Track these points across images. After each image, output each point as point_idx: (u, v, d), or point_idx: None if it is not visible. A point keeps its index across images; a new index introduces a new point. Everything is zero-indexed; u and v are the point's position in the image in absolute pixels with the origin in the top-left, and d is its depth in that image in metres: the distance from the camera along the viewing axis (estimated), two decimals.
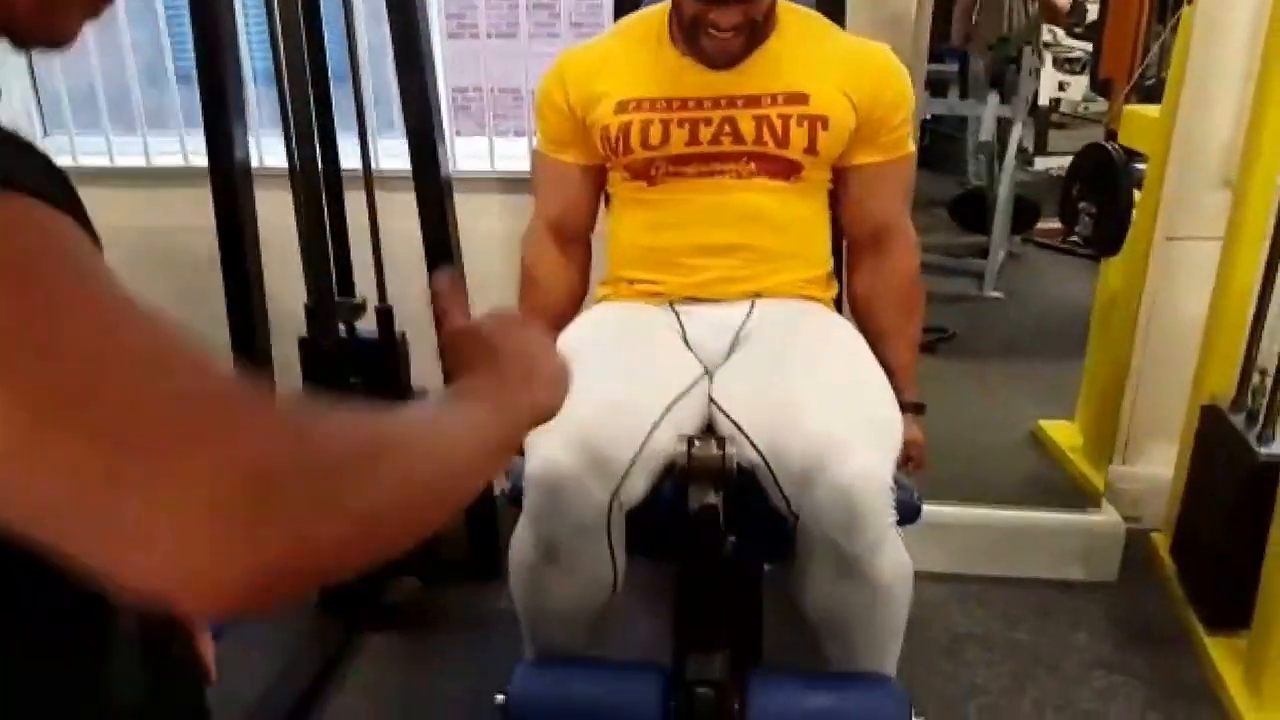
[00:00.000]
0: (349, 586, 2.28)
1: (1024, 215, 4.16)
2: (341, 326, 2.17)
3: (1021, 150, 3.99)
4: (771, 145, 1.54)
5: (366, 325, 2.23)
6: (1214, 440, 2.14)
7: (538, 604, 1.47)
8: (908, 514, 1.40)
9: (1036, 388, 3.20)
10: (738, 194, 1.57)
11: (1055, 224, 3.22)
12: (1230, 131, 2.23)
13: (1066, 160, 3.83)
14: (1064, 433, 2.79)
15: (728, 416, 1.44)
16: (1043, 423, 2.91)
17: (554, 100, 1.62)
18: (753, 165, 1.55)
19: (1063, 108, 4.53)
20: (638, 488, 1.38)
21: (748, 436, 1.39)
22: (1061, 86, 4.16)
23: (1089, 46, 4.30)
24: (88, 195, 0.60)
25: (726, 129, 1.54)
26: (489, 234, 2.48)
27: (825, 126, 1.54)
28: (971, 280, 4.12)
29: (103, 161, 2.71)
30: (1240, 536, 1.97)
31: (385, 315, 2.20)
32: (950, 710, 1.94)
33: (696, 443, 1.36)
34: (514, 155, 2.57)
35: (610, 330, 1.57)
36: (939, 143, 4.84)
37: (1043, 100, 4.13)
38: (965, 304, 4.00)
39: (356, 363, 2.19)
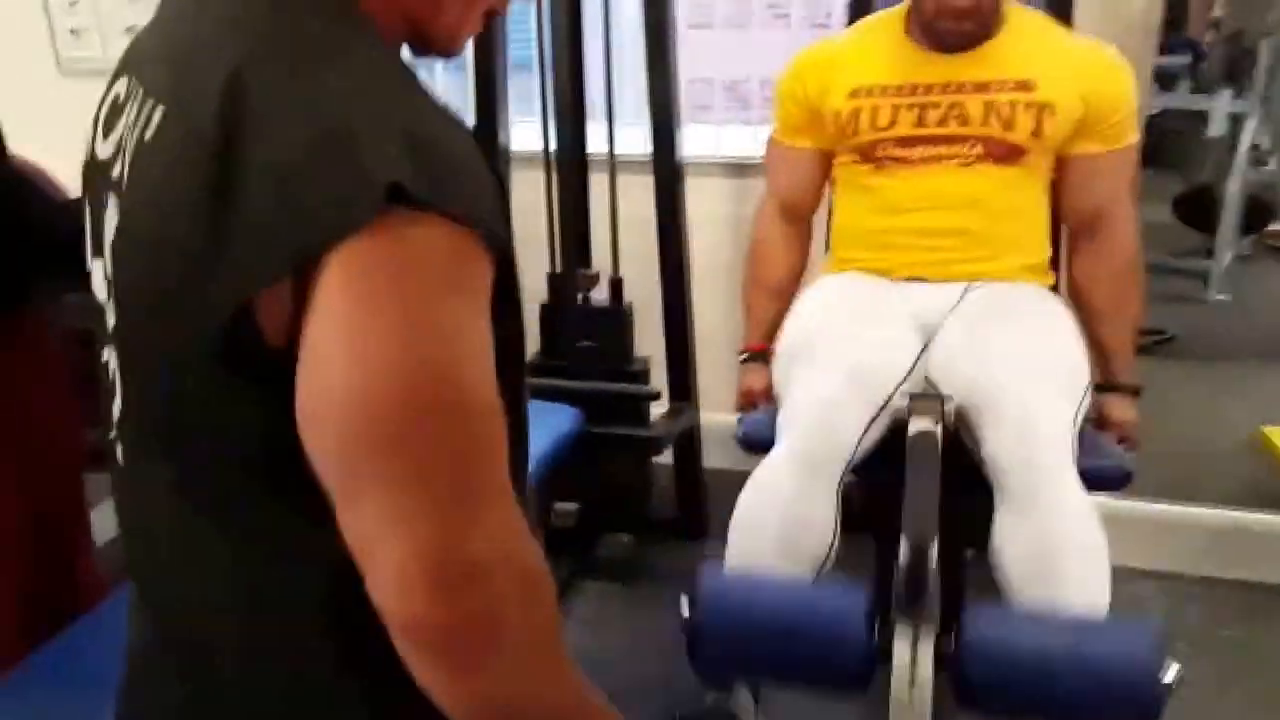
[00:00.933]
0: (570, 535, 2.51)
1: (1255, 216, 3.99)
2: (578, 295, 2.39)
3: (1254, 148, 3.83)
4: (998, 129, 1.62)
5: (598, 295, 2.44)
6: None
7: (787, 533, 1.51)
8: (1116, 480, 1.47)
9: (1261, 394, 3.12)
10: (961, 178, 1.66)
11: None
12: None
13: None
14: None
15: (939, 384, 1.58)
16: (1265, 429, 2.84)
17: (793, 90, 1.77)
18: (979, 148, 1.64)
19: None
20: (875, 434, 1.53)
21: (949, 394, 1.53)
22: None
23: None
24: None
25: (955, 112, 1.64)
26: (712, 216, 2.64)
27: (1052, 114, 1.61)
28: (1195, 281, 3.99)
29: None
30: None
31: (617, 285, 2.40)
32: None
33: (915, 397, 1.52)
34: (738, 143, 2.70)
35: (850, 296, 1.70)
36: (1166, 138, 4.69)
37: None
38: (1187, 305, 3.89)
39: (588, 327, 2.40)
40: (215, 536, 0.72)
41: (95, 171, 0.77)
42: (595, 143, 2.38)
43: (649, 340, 2.50)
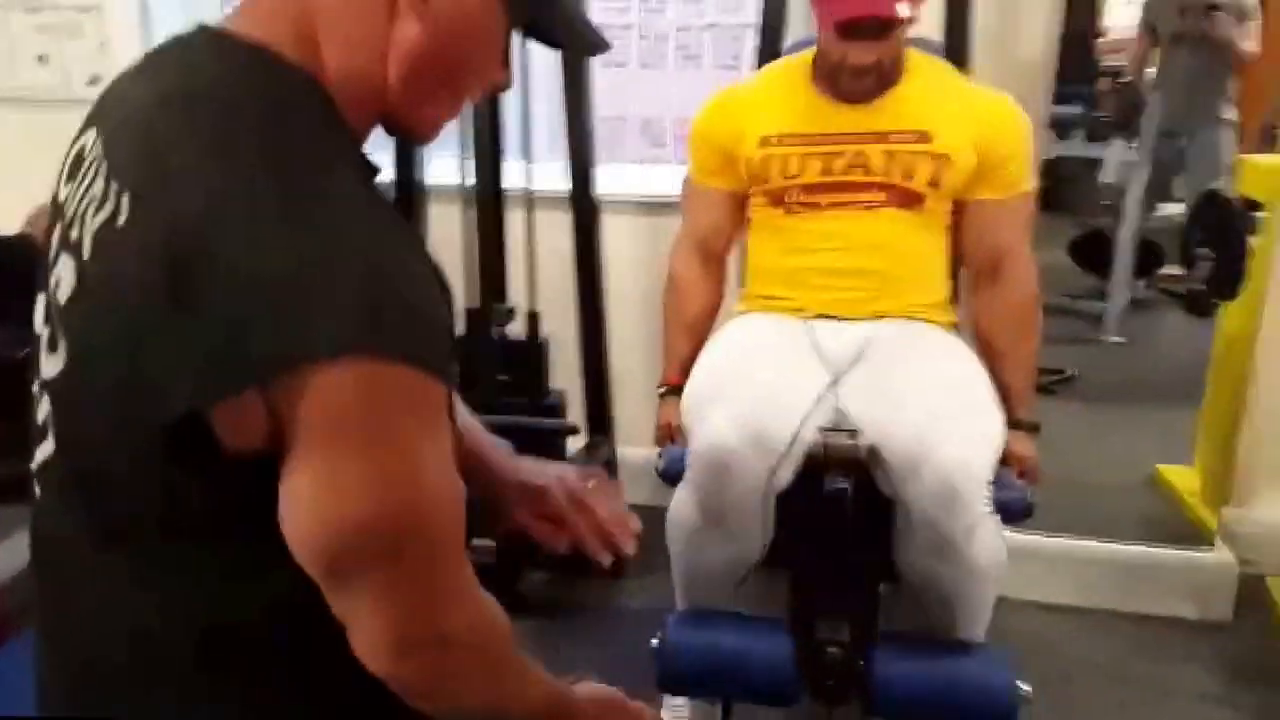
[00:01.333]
0: (489, 572, 2.48)
1: (1148, 259, 4.15)
2: (494, 329, 2.38)
3: (1147, 194, 4.00)
4: (898, 177, 1.69)
5: (514, 329, 2.44)
6: None
7: (694, 563, 1.65)
8: (1019, 510, 1.54)
9: (1157, 432, 3.21)
10: (865, 222, 1.72)
11: (1180, 269, 3.25)
12: None
13: None
14: (1182, 477, 2.82)
15: (852, 420, 1.61)
16: (1161, 467, 2.95)
17: (705, 134, 1.82)
18: (882, 195, 1.71)
19: None
20: (787, 474, 1.55)
21: (864, 432, 1.56)
22: None
23: None
24: None
25: (858, 161, 1.70)
26: (628, 253, 2.66)
27: (948, 164, 1.69)
28: (1091, 323, 4.13)
29: None
30: None
31: (533, 320, 2.41)
32: None
33: (830, 434, 1.55)
34: (653, 182, 2.73)
35: (758, 336, 1.75)
36: (1063, 184, 4.86)
37: None
38: (1085, 347, 4.01)
39: (504, 360, 2.40)
40: (127, 581, 0.75)
41: (56, 213, 0.80)
42: (511, 179, 2.39)
43: (565, 375, 2.51)
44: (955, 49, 2.08)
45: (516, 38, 0.85)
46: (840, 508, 1.50)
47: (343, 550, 0.70)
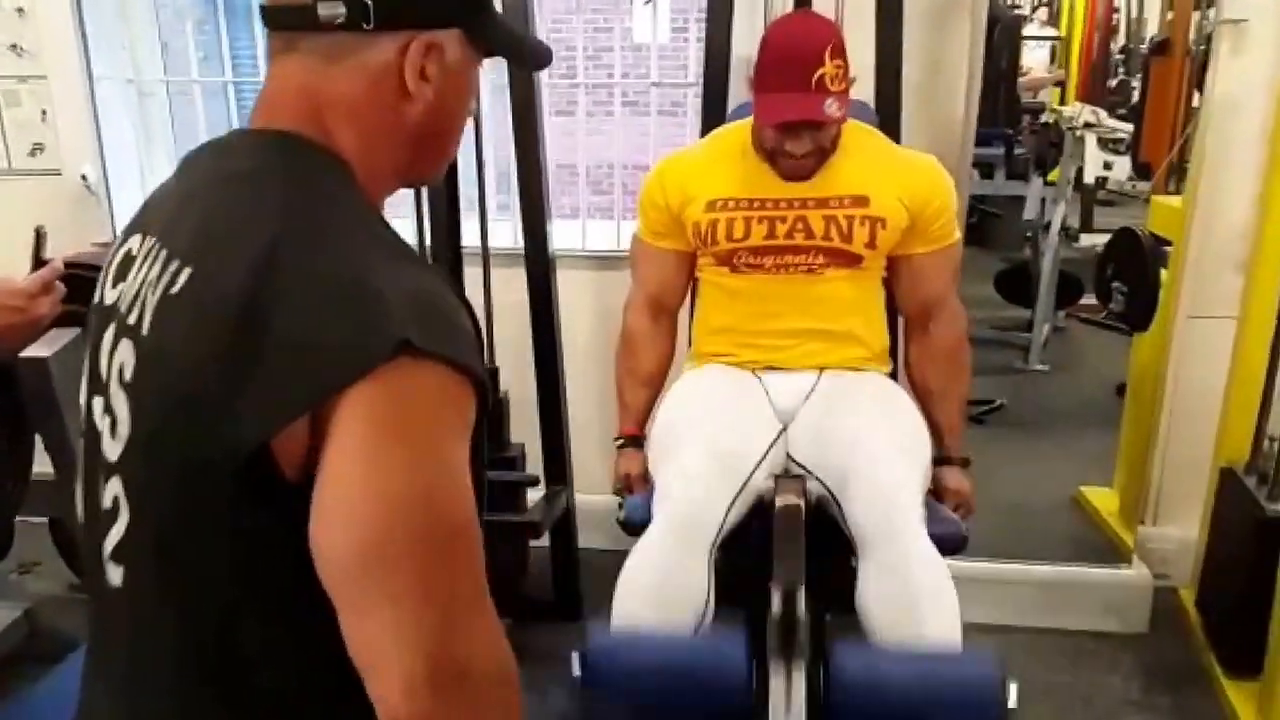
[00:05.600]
0: None
1: (1067, 291, 4.37)
2: None
3: (1066, 227, 4.23)
4: (838, 240, 1.84)
5: None
6: (1231, 500, 2.37)
7: (640, 616, 1.64)
8: (955, 544, 1.69)
9: (1078, 455, 3.40)
10: (808, 281, 1.87)
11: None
12: (1245, 219, 2.47)
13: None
14: (1103, 498, 3.02)
15: (800, 465, 1.78)
16: (1083, 488, 3.13)
17: (654, 199, 1.94)
18: (821, 257, 1.86)
19: (1109, 185, 4.76)
20: (738, 513, 1.69)
21: (815, 476, 1.73)
22: (1107, 166, 4.38)
23: (1131, 128, 4.54)
24: None
25: (800, 226, 1.84)
26: (581, 306, 2.77)
27: (884, 226, 1.84)
28: (1017, 353, 4.34)
29: None
30: (1253, 588, 2.18)
31: (492, 374, 2.50)
32: None
33: (780, 480, 1.72)
34: (602, 237, 2.86)
35: (709, 386, 1.89)
36: (986, 221, 5.12)
37: (1088, 179, 4.36)
38: (1012, 376, 4.21)
39: None
40: (211, 657, 0.81)
41: (102, 316, 0.87)
42: (467, 237, 2.49)
43: (523, 426, 2.60)
44: (887, 109, 2.26)
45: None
46: (793, 522, 1.61)
47: (374, 553, 0.72)
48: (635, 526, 1.72)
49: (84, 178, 2.88)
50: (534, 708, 0.86)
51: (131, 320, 0.82)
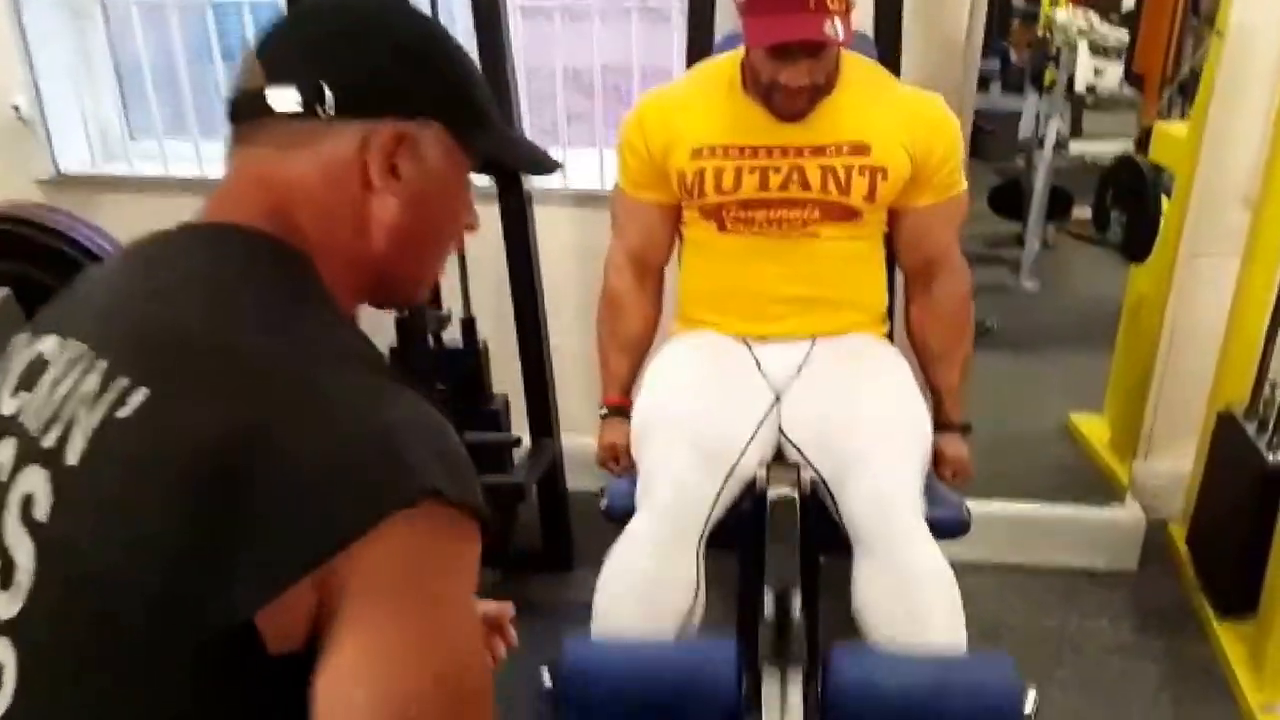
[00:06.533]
0: None
1: (1059, 205, 4.29)
2: (429, 337, 2.38)
3: (1056, 136, 4.12)
4: (835, 193, 1.71)
5: (450, 335, 2.43)
6: (1228, 445, 2.33)
7: (623, 623, 1.57)
8: (955, 528, 1.62)
9: (1069, 380, 3.36)
10: (802, 239, 1.75)
11: (1088, 214, 3.38)
12: (1253, 155, 2.38)
13: (1101, 146, 3.99)
14: (1093, 427, 2.98)
15: (795, 447, 1.69)
16: (1074, 416, 3.10)
17: (634, 145, 1.79)
18: (817, 212, 1.73)
19: (1099, 92, 4.64)
20: (726, 501, 1.62)
21: (810, 462, 1.63)
22: (1097, 72, 4.26)
23: (1124, 34, 4.41)
24: (181, 202, 0.85)
25: (794, 177, 1.71)
26: (561, 246, 2.67)
27: (885, 177, 1.71)
28: (1008, 270, 4.27)
29: (192, 171, 2.81)
30: (1250, 535, 2.16)
31: (469, 325, 2.41)
32: None
33: (774, 467, 1.64)
34: (584, 173, 2.70)
35: (696, 359, 1.79)
36: (980, 135, 4.96)
37: (1079, 87, 4.24)
38: (1002, 295, 4.15)
39: (442, 370, 2.39)
40: None
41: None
42: None
43: (505, 374, 2.52)
44: (887, 31, 2.13)
45: None
46: (787, 513, 1.54)
47: (403, 705, 0.65)
48: (619, 515, 1.64)
49: (16, 109, 2.73)
50: (524, 667, 0.77)
51: (48, 443, 0.69)
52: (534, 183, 2.45)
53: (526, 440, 2.49)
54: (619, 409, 1.86)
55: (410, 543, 0.65)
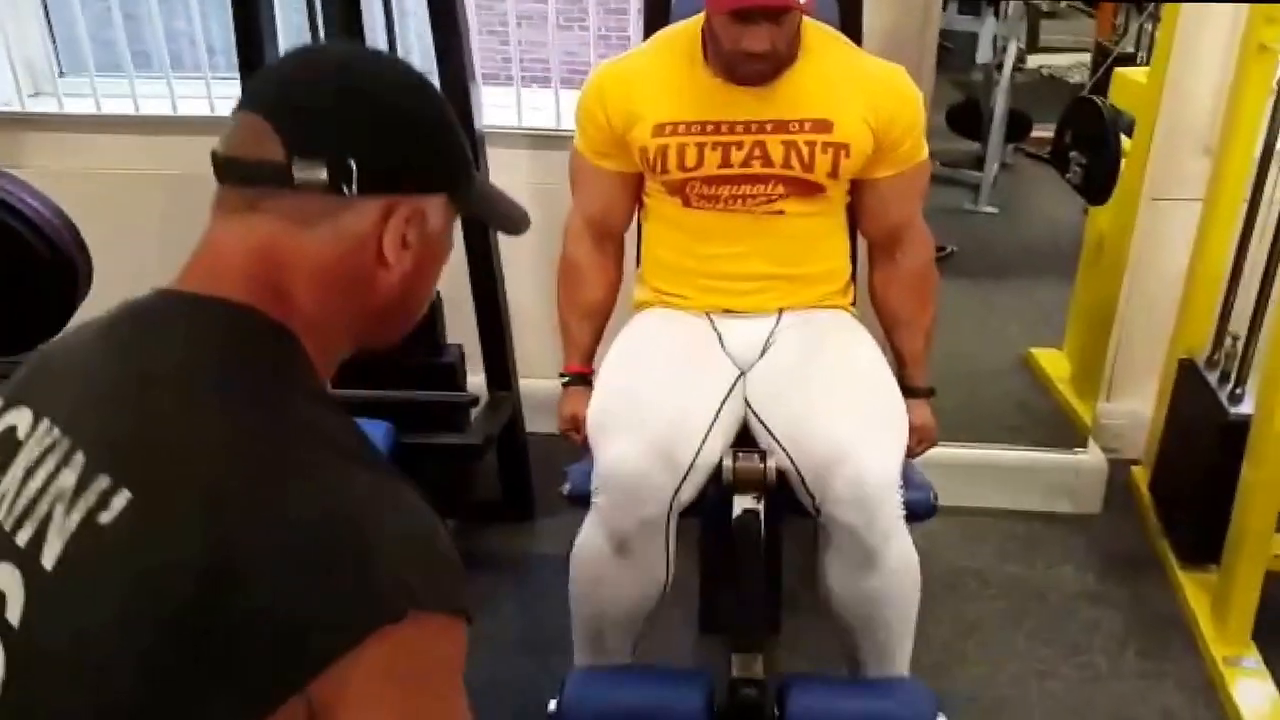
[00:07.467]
0: None
1: (1017, 126, 4.25)
2: None
3: (1017, 64, 4.05)
4: (798, 169, 1.66)
5: None
6: (1190, 392, 2.33)
7: (598, 604, 1.65)
8: (924, 511, 1.60)
9: (1028, 311, 3.34)
10: (765, 214, 1.71)
11: (1047, 133, 3.35)
12: (1214, 100, 2.34)
13: (1059, 59, 3.94)
14: (1054, 362, 2.96)
15: (763, 424, 1.64)
16: (1034, 350, 3.08)
17: (594, 115, 1.72)
18: (781, 187, 1.68)
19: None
20: (690, 491, 1.57)
21: (780, 444, 1.59)
22: None
23: None
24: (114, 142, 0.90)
25: (757, 153, 1.65)
26: (515, 188, 2.56)
27: (847, 154, 1.66)
28: (967, 193, 4.23)
29: (127, 109, 2.70)
30: (1212, 484, 2.16)
31: None
32: (951, 648, 2.16)
33: (740, 455, 1.57)
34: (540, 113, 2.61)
35: (657, 340, 1.74)
36: (942, 51, 4.88)
37: None
38: (961, 218, 4.12)
39: None
40: None
41: None
42: None
43: (456, 325, 2.44)
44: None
45: None
46: (752, 533, 1.53)
47: None
48: (581, 499, 1.61)
49: None
50: (491, 609, 0.81)
51: (22, 540, 0.68)
52: (486, 122, 2.35)
53: (484, 392, 2.42)
54: (581, 377, 1.83)
55: (396, 653, 0.66)
